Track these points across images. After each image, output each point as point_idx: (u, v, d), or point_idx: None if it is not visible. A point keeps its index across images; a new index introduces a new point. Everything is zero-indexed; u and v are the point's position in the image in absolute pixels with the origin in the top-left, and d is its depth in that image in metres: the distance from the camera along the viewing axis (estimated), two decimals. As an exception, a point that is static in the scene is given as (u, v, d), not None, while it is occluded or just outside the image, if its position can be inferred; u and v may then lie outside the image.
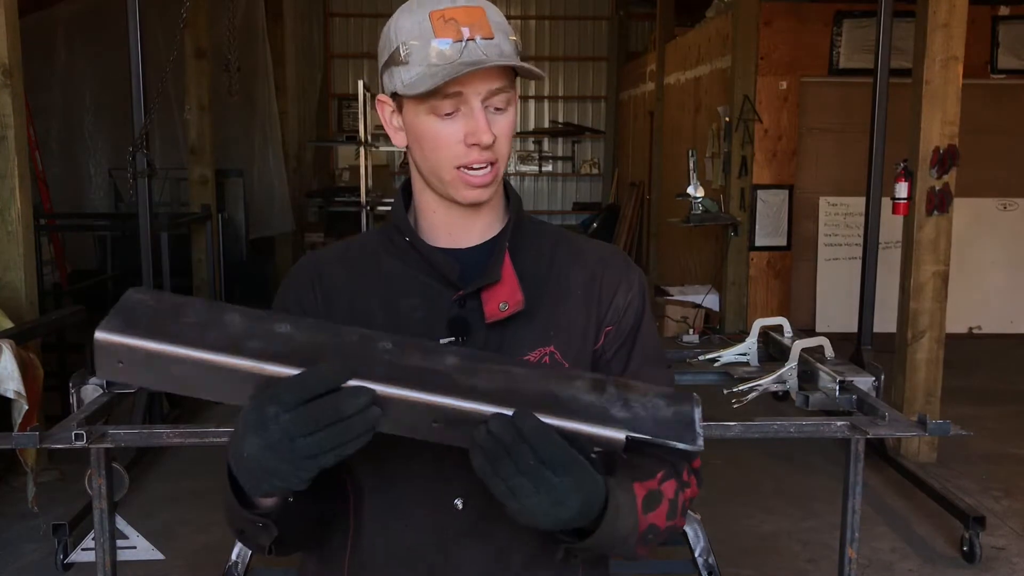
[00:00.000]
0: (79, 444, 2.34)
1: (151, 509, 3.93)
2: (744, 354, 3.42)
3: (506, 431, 0.95)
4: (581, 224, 12.85)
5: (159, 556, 2.93)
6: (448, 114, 1.10)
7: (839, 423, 2.67)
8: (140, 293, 1.02)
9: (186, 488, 4.21)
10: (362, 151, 6.56)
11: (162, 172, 6.85)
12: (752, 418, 2.72)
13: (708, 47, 8.42)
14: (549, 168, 14.13)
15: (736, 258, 7.62)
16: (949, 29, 4.49)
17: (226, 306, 1.03)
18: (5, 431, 2.99)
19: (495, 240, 1.20)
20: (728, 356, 3.40)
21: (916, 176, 4.61)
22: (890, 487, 4.37)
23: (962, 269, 6.39)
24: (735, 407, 3.02)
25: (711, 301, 7.75)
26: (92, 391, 2.84)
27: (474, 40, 1.07)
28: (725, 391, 3.10)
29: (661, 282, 9.11)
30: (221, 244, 7.38)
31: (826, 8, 7.38)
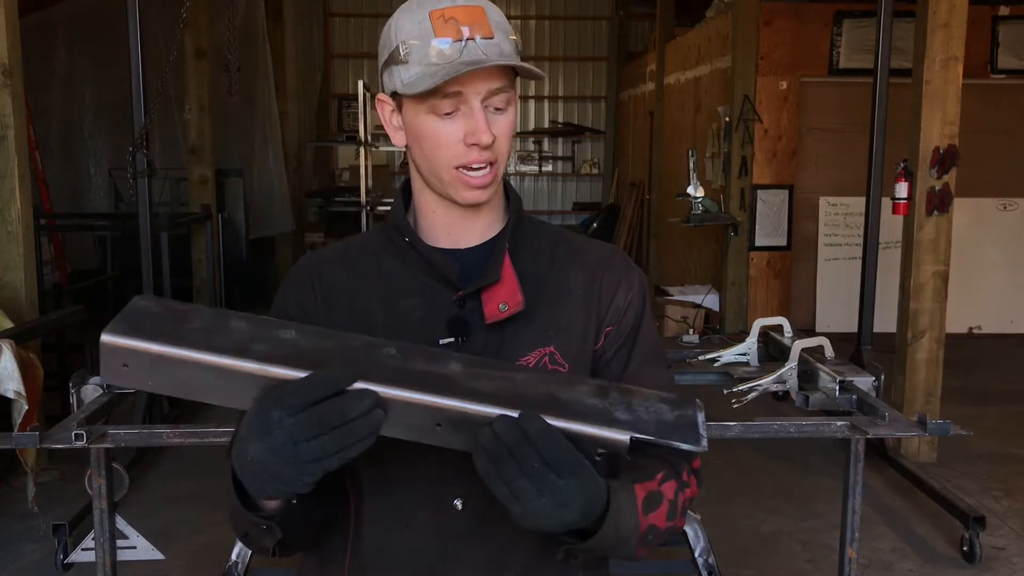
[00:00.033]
0: (79, 444, 2.35)
1: (151, 509, 3.93)
2: (744, 354, 3.42)
3: (511, 432, 0.94)
4: (581, 224, 12.84)
5: (159, 556, 2.93)
6: (448, 113, 1.09)
7: (839, 423, 2.67)
8: (146, 300, 1.03)
9: (186, 488, 4.21)
10: (362, 151, 6.56)
11: (162, 172, 6.86)
12: (752, 418, 2.72)
13: (708, 47, 8.42)
14: (549, 168, 14.13)
15: (736, 258, 7.62)
16: (949, 29, 4.49)
17: (231, 313, 1.04)
18: (5, 431, 2.99)
19: (495, 240, 1.20)
20: (728, 356, 3.40)
21: (916, 176, 4.60)
22: (890, 487, 4.37)
23: (962, 269, 6.38)
24: (735, 407, 3.02)
25: (711, 301, 7.75)
26: (92, 391, 2.85)
27: (474, 40, 1.06)
28: (725, 391, 3.10)
29: (661, 282, 9.10)
30: (221, 244, 7.38)
31: (826, 8, 7.38)
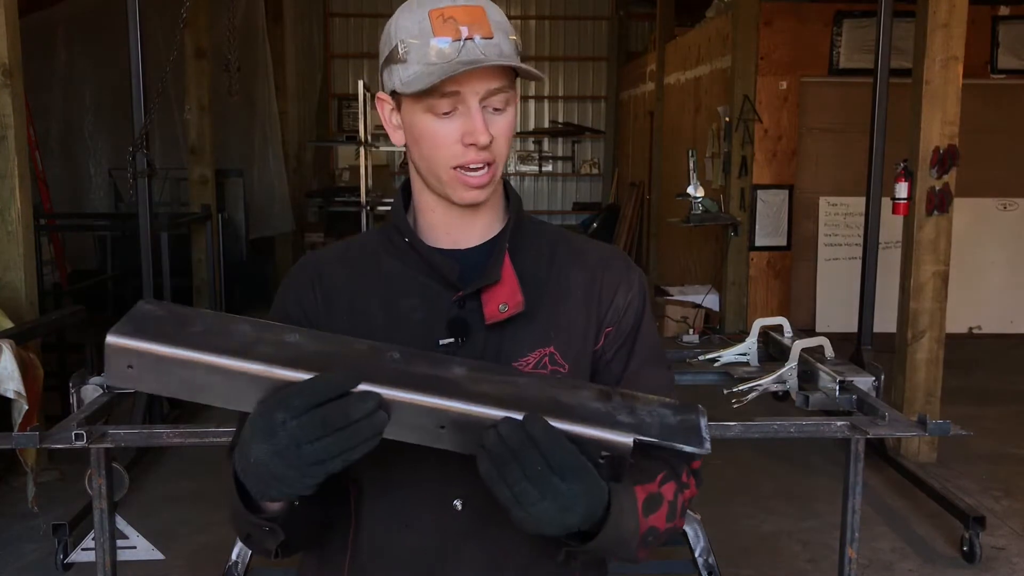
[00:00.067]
0: (79, 444, 2.35)
1: (151, 509, 3.92)
2: (744, 354, 3.42)
3: (515, 435, 0.94)
4: (581, 224, 12.84)
5: (159, 556, 2.93)
6: (446, 113, 1.09)
7: (839, 423, 2.68)
8: (151, 304, 1.04)
9: (186, 488, 4.21)
10: (362, 151, 6.56)
11: (162, 172, 6.87)
12: (752, 418, 2.72)
13: (708, 47, 8.42)
14: (549, 168, 14.13)
15: (736, 258, 7.61)
16: (949, 29, 4.49)
17: (236, 317, 1.05)
18: (5, 431, 2.99)
19: (495, 240, 1.20)
20: (728, 356, 3.40)
21: (916, 176, 4.60)
22: (890, 487, 4.37)
23: (962, 269, 6.38)
24: (735, 407, 3.03)
25: (711, 301, 7.74)
26: (92, 391, 2.85)
27: (472, 39, 1.06)
28: (725, 391, 3.10)
29: (661, 282, 9.10)
30: (221, 244, 7.38)
31: (826, 8, 7.38)
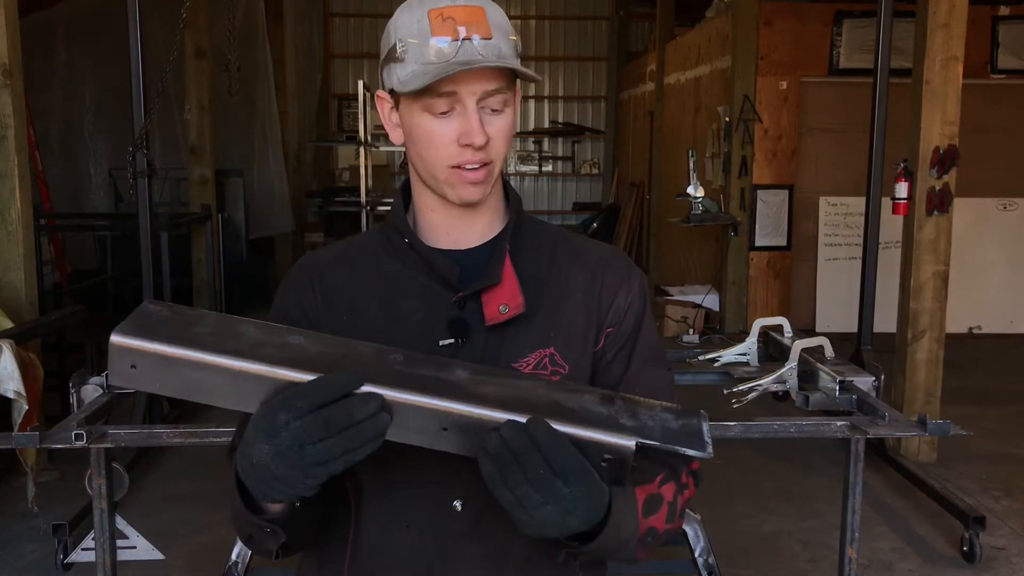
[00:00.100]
0: (79, 444, 2.35)
1: (151, 509, 3.92)
2: (744, 354, 3.42)
3: (518, 438, 0.94)
4: (581, 224, 12.84)
5: (159, 556, 2.93)
6: (443, 113, 1.09)
7: (839, 423, 2.68)
8: (155, 304, 1.04)
9: (186, 488, 4.21)
10: (362, 151, 6.56)
11: (162, 172, 6.87)
12: (752, 418, 2.72)
13: (708, 47, 8.42)
14: (549, 168, 14.13)
15: (736, 258, 7.61)
16: (949, 29, 4.49)
17: (239, 318, 1.05)
18: (5, 431, 2.99)
19: (495, 241, 1.20)
20: (728, 356, 3.40)
21: (916, 176, 4.60)
22: (890, 487, 4.37)
23: (962, 269, 6.38)
24: (735, 407, 3.02)
25: (711, 301, 7.75)
26: (92, 391, 2.84)
27: (471, 40, 1.06)
28: (725, 391, 3.10)
29: (661, 282, 9.10)
30: (221, 244, 7.38)
31: (826, 8, 7.38)
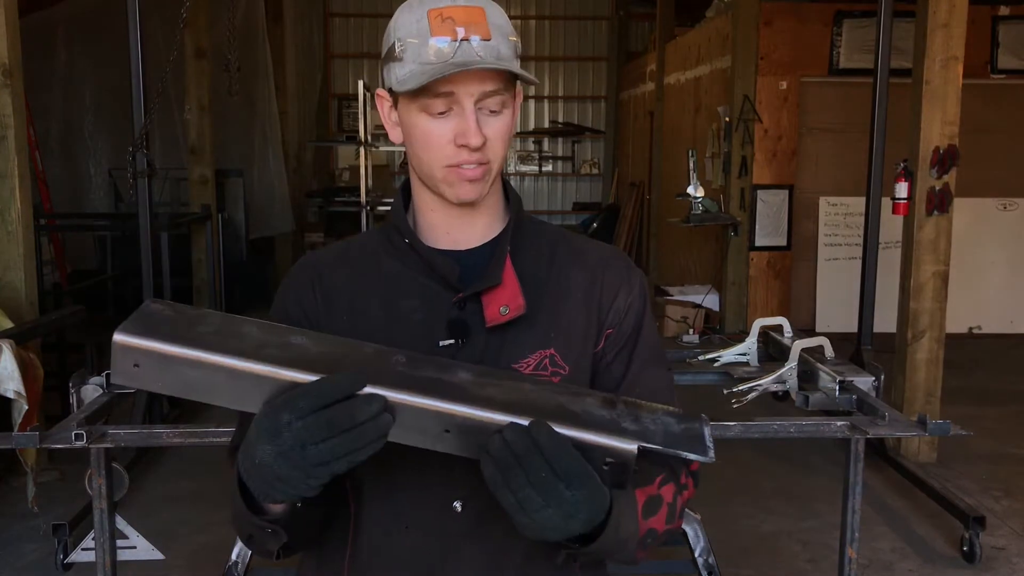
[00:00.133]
0: (79, 444, 2.35)
1: (151, 509, 3.93)
2: (744, 354, 3.42)
3: (521, 440, 0.94)
4: (581, 224, 12.84)
5: (159, 556, 2.93)
6: (441, 113, 1.09)
7: (839, 423, 2.68)
8: (158, 304, 1.04)
9: (186, 488, 4.21)
10: (362, 151, 6.56)
11: (162, 172, 6.87)
12: (752, 418, 2.73)
13: (708, 47, 8.42)
14: (549, 168, 14.13)
15: (736, 258, 7.61)
16: (949, 29, 4.49)
17: (242, 318, 1.05)
18: (5, 431, 2.99)
19: (495, 242, 1.20)
20: (728, 356, 3.40)
21: (916, 176, 4.60)
22: (890, 487, 4.37)
23: (962, 269, 6.38)
24: (735, 407, 3.02)
25: (711, 301, 7.75)
26: (92, 391, 2.85)
27: (469, 40, 1.06)
28: (725, 391, 3.10)
29: (661, 282, 9.10)
30: (221, 244, 7.38)
31: (826, 8, 7.38)
